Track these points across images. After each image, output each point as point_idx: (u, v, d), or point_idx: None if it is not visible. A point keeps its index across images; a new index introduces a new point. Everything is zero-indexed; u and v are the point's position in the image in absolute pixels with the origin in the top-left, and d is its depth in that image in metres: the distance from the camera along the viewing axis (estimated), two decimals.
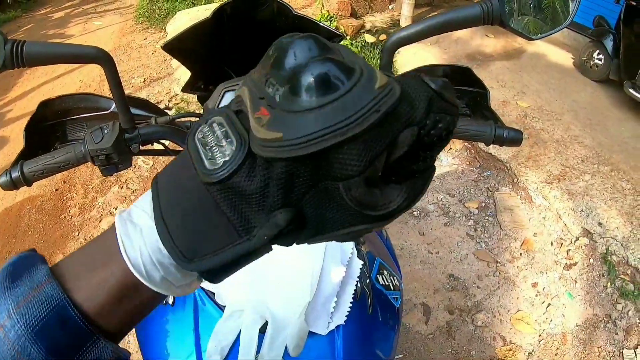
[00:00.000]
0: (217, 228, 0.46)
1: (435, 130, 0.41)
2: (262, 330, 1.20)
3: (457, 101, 0.42)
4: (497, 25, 1.06)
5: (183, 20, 7.44)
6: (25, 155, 1.31)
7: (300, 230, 0.45)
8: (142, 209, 0.50)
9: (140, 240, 0.48)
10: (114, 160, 1.24)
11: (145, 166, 4.70)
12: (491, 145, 1.28)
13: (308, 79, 0.37)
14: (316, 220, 0.44)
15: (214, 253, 0.46)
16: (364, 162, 0.38)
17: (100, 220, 4.20)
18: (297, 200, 0.43)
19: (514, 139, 1.26)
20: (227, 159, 0.42)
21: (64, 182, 4.67)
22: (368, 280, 1.41)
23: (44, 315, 0.45)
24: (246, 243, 0.45)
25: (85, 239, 4.02)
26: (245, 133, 0.42)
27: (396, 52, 1.17)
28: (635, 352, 3.26)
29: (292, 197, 0.42)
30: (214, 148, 0.44)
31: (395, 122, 0.38)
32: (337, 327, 1.27)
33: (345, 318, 1.28)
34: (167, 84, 6.30)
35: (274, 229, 0.43)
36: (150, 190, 0.50)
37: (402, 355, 3.11)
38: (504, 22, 1.04)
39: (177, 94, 5.87)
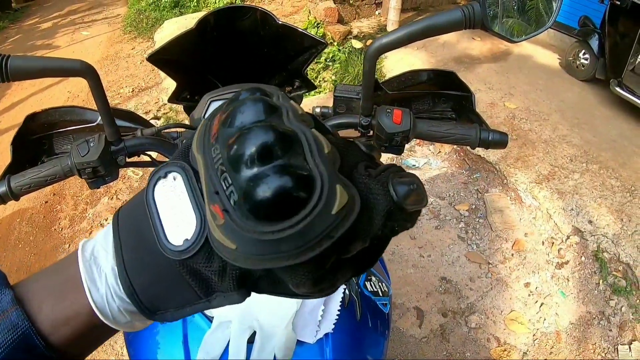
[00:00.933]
0: (180, 289, 0.48)
1: (391, 234, 0.43)
2: (251, 341, 1.20)
3: (423, 203, 0.42)
4: (479, 29, 1.06)
5: (170, 29, 7.46)
6: (12, 169, 1.31)
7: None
8: (105, 249, 0.50)
9: (105, 288, 0.49)
10: (101, 173, 1.23)
11: (134, 177, 4.69)
12: (477, 148, 1.29)
13: (264, 202, 0.35)
14: (270, 290, 0.46)
15: (175, 309, 0.49)
16: (313, 277, 0.39)
17: (91, 232, 4.18)
18: (251, 284, 0.45)
19: (499, 141, 1.26)
20: (187, 238, 0.43)
21: (54, 194, 4.65)
22: (356, 287, 1.41)
23: (10, 342, 0.46)
24: (206, 304, 0.48)
25: None
26: (204, 207, 0.43)
27: (383, 56, 1.18)
28: (629, 348, 3.28)
29: (247, 283, 0.45)
30: (175, 216, 0.44)
31: (349, 236, 0.39)
32: (326, 335, 1.27)
33: (333, 326, 1.28)
34: (156, 93, 6.29)
35: (231, 301, 0.47)
36: (111, 228, 0.50)
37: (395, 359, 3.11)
38: (486, 25, 1.04)
39: (165, 104, 5.84)
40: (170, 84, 5.98)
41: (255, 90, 0.44)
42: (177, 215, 0.44)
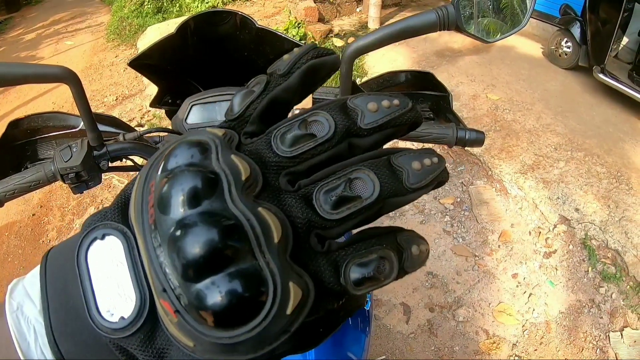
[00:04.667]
0: None
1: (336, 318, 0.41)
2: None
3: (387, 282, 0.38)
4: (453, 30, 1.08)
5: (153, 36, 7.39)
6: None
7: None
8: (31, 300, 0.46)
9: (35, 345, 0.45)
10: (84, 178, 1.24)
11: (120, 185, 4.68)
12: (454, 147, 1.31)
13: (217, 310, 0.33)
14: None
15: None
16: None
17: None
18: None
19: (476, 140, 1.28)
20: (124, 316, 0.39)
21: (41, 207, 4.63)
22: None
23: None
24: None
25: None
26: (146, 286, 0.38)
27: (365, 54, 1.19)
28: (621, 335, 3.30)
29: None
30: (111, 288, 0.40)
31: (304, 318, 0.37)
32: None
33: None
34: (140, 100, 6.29)
35: None
36: (38, 273, 0.46)
37: (384, 357, 3.11)
38: (459, 27, 1.06)
39: (149, 111, 5.84)
40: (153, 91, 5.89)
41: (189, 153, 0.38)
42: (112, 287, 0.40)
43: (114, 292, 0.39)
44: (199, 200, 0.35)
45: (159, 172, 0.38)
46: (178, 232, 0.34)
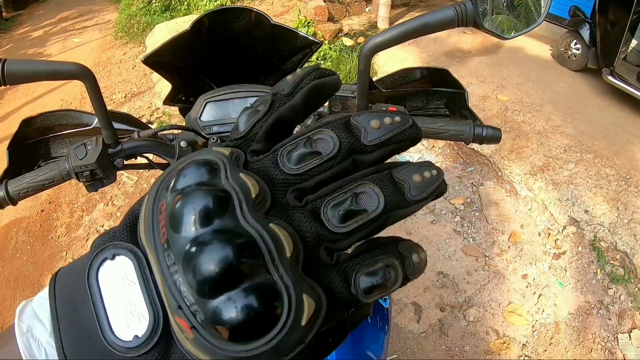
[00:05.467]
0: None
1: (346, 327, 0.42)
2: None
3: (393, 288, 0.39)
4: (471, 26, 1.07)
5: (162, 33, 7.45)
6: (8, 174, 1.31)
7: None
8: (41, 322, 0.46)
9: None
10: (99, 176, 1.24)
11: (129, 182, 4.69)
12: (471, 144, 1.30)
13: (234, 325, 0.33)
14: None
15: None
16: None
17: (87, 239, 4.18)
18: None
19: (492, 136, 1.28)
20: (138, 334, 0.39)
21: (50, 203, 4.64)
22: None
23: None
24: None
25: (73, 259, 3.97)
26: (159, 304, 0.39)
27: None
28: (629, 336, 3.29)
29: None
30: (123, 307, 0.40)
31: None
32: None
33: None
34: (149, 98, 6.29)
35: None
36: (47, 294, 0.45)
37: (395, 356, 3.11)
38: (478, 23, 1.05)
39: (158, 108, 5.85)
40: (162, 88, 5.98)
41: (199, 173, 0.39)
42: (125, 307, 0.40)
43: (126, 311, 0.40)
44: (211, 219, 0.35)
45: (169, 192, 0.38)
46: (192, 250, 0.34)
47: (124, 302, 0.40)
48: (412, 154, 4.74)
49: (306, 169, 0.39)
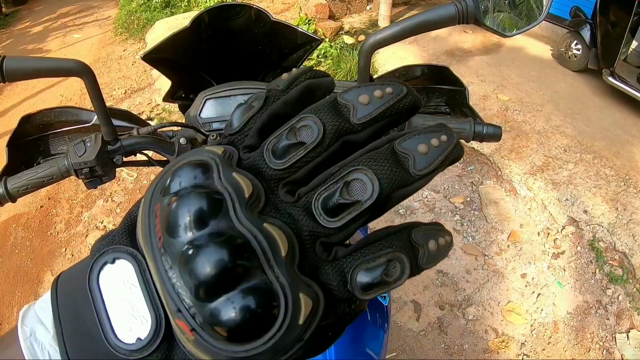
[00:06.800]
0: None
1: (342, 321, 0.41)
2: None
3: (398, 284, 0.38)
4: (472, 24, 1.07)
5: (162, 30, 7.43)
6: (8, 171, 1.31)
7: None
8: (44, 326, 0.46)
9: None
10: (98, 173, 1.23)
11: (129, 178, 4.68)
12: (471, 141, 1.29)
13: (232, 326, 0.33)
14: None
15: None
16: None
17: (87, 235, 4.18)
18: None
19: (493, 134, 1.27)
20: (141, 337, 0.39)
21: (49, 199, 4.63)
22: None
23: None
24: None
25: (72, 255, 3.99)
26: (160, 306, 0.39)
27: (375, 51, 1.18)
28: (627, 336, 3.30)
29: None
30: (125, 310, 0.40)
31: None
32: None
33: None
34: (148, 94, 6.27)
35: None
36: (49, 298, 0.45)
37: (394, 354, 3.11)
38: (479, 20, 1.05)
39: (158, 104, 5.84)
40: (162, 85, 5.97)
41: (192, 174, 0.39)
42: (127, 309, 0.40)
43: (128, 314, 0.40)
44: (206, 222, 0.35)
45: (164, 195, 0.38)
46: (188, 254, 0.34)
47: (126, 305, 0.40)
48: None
49: (291, 162, 0.38)
